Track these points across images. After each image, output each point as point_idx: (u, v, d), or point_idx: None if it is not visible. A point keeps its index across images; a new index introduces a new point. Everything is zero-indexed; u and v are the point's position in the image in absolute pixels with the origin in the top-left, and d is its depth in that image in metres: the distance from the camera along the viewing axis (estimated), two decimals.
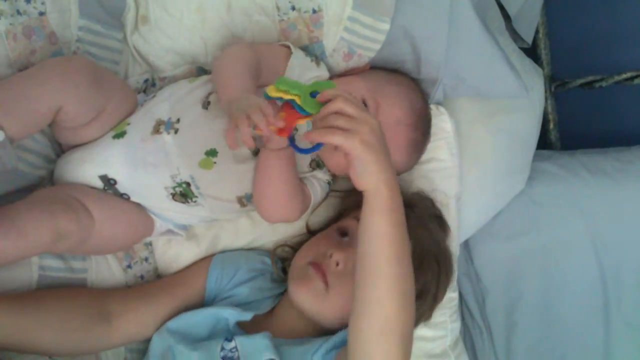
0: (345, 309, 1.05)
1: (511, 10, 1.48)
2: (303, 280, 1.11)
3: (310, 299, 1.10)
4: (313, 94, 0.92)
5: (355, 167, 0.88)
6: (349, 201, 1.24)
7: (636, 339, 1.45)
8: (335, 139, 0.85)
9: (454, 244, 1.30)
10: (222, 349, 1.05)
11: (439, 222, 1.24)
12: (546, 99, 1.61)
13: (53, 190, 1.08)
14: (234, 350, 1.05)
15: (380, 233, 0.89)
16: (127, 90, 1.14)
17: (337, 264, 1.09)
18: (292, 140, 0.94)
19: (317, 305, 1.10)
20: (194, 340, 1.09)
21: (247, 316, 1.12)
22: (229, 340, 1.06)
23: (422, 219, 1.17)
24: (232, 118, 0.93)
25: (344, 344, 1.04)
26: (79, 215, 1.01)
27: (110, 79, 1.10)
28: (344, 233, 1.15)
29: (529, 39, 1.61)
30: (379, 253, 0.89)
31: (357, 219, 1.11)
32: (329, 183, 1.22)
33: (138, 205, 1.13)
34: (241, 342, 1.05)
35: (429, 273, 1.14)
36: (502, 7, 1.46)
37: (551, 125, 1.73)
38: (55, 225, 0.96)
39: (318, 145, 0.91)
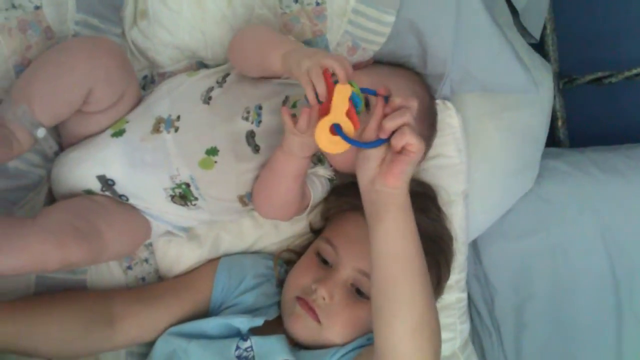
0: (344, 332, 1.07)
1: (519, 4, 1.46)
2: (294, 317, 1.10)
3: (305, 334, 1.09)
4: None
5: (404, 166, 0.89)
6: (335, 202, 1.21)
7: None
8: (408, 138, 0.88)
9: (461, 243, 1.28)
10: (237, 347, 1.05)
11: (431, 205, 1.22)
12: (554, 96, 1.59)
13: (64, 212, 1.02)
14: (249, 349, 1.05)
15: (409, 230, 0.91)
16: (137, 80, 1.14)
17: (324, 299, 1.07)
18: (340, 132, 0.92)
19: (315, 338, 1.09)
20: (208, 339, 1.08)
21: (258, 322, 1.10)
22: (245, 339, 1.06)
23: None
24: (303, 76, 0.90)
25: (360, 345, 1.06)
26: (91, 243, 0.98)
27: (130, 62, 1.10)
28: (324, 260, 1.13)
29: (537, 34, 1.59)
30: (407, 252, 0.90)
31: (330, 244, 1.11)
32: (330, 180, 1.19)
33: (136, 209, 1.11)
34: (257, 342, 1.05)
35: None
36: (509, 1, 1.44)
37: (560, 123, 1.71)
38: (66, 257, 0.94)
39: (380, 141, 0.91)
